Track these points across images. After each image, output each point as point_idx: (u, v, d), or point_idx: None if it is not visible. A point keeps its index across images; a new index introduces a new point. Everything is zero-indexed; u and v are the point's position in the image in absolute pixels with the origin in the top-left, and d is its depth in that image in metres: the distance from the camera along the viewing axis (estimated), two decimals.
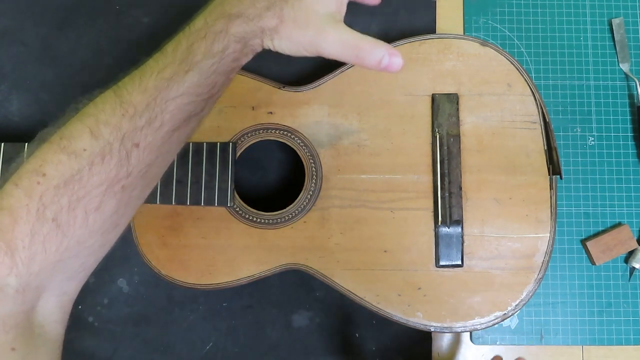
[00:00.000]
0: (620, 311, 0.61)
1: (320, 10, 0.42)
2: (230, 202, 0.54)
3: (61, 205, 0.37)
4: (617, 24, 0.64)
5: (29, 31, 0.63)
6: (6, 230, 0.36)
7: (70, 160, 0.37)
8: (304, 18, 0.41)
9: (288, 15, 0.41)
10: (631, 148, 0.63)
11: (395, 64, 0.41)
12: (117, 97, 0.40)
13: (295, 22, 0.41)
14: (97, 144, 0.38)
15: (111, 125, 0.39)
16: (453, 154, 0.56)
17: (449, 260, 0.55)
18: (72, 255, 0.38)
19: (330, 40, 0.41)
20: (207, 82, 0.41)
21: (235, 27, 0.41)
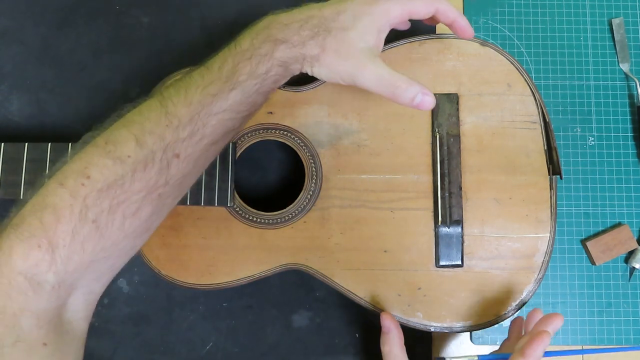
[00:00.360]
0: (620, 311, 0.61)
1: (361, 44, 0.44)
2: (230, 202, 0.54)
3: (102, 208, 0.38)
4: (617, 24, 0.64)
5: (29, 31, 0.63)
6: (49, 228, 0.37)
7: (115, 165, 0.39)
8: (345, 50, 0.44)
9: (330, 46, 0.44)
10: (631, 148, 0.63)
11: (427, 102, 0.45)
12: (163, 107, 0.41)
13: (337, 52, 0.44)
14: (142, 152, 0.39)
15: (156, 134, 0.40)
16: (453, 154, 0.56)
17: (449, 260, 0.55)
18: (106, 256, 0.40)
19: (368, 74, 0.44)
20: (248, 100, 0.43)
21: (280, 52, 0.43)
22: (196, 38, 0.63)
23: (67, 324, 0.39)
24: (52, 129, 0.62)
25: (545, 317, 0.49)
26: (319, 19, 0.44)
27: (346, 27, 0.44)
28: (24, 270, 0.36)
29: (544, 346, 0.45)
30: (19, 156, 0.54)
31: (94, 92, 0.62)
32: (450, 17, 0.48)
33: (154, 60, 0.63)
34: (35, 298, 0.36)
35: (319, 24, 0.44)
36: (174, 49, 0.63)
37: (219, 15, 0.64)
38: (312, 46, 0.44)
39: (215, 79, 0.42)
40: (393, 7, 0.45)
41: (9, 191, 0.54)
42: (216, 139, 0.43)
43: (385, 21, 0.45)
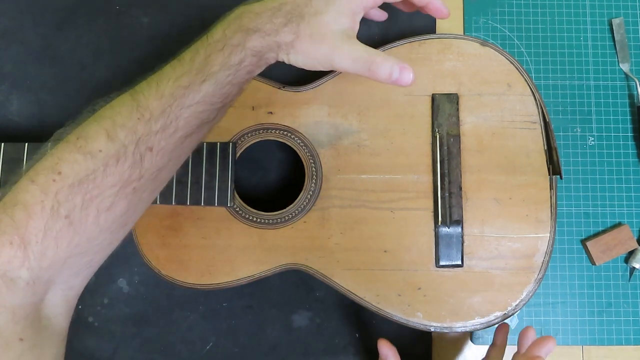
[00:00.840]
0: (620, 311, 0.61)
1: (335, 27, 0.44)
2: (230, 202, 0.54)
3: (75, 204, 0.38)
4: (617, 24, 0.64)
5: (29, 31, 0.63)
6: (21, 224, 0.37)
7: (86, 160, 0.38)
8: (320, 34, 0.43)
9: (304, 31, 0.43)
10: (631, 148, 0.63)
11: (405, 77, 0.43)
12: (134, 100, 0.41)
13: (311, 37, 0.43)
14: (113, 146, 0.39)
15: (127, 128, 0.40)
16: (453, 154, 0.56)
17: (449, 260, 0.55)
18: (82, 252, 0.39)
19: (345, 55, 0.43)
20: (221, 92, 0.43)
21: (253, 42, 0.43)
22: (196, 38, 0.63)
23: (45, 319, 0.39)
24: (52, 129, 0.61)
25: (539, 341, 0.50)
26: (292, 5, 0.44)
27: (319, 11, 0.43)
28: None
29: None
30: (19, 156, 0.54)
31: (94, 92, 0.62)
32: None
33: (154, 60, 0.63)
34: (9, 294, 0.36)
35: (291, 10, 0.43)
36: (174, 49, 0.63)
37: (219, 15, 0.64)
38: (286, 33, 0.43)
39: (187, 70, 0.42)
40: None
41: None
42: (190, 132, 0.43)
43: (359, 3, 0.45)
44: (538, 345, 0.50)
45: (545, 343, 0.50)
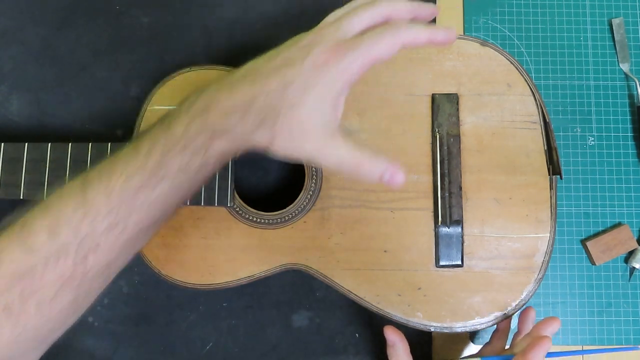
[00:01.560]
0: (620, 311, 0.61)
1: (316, 119, 0.38)
2: (230, 202, 0.54)
3: (13, 296, 0.36)
4: (617, 24, 0.64)
5: (29, 31, 0.63)
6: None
7: (26, 255, 0.37)
8: (299, 130, 0.38)
9: (281, 129, 0.37)
10: (631, 148, 0.63)
11: (397, 180, 0.39)
12: (82, 193, 0.38)
13: (290, 135, 0.38)
14: (54, 243, 0.37)
15: (71, 226, 0.37)
16: (453, 154, 0.56)
17: (449, 260, 0.55)
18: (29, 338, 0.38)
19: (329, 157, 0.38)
20: (178, 193, 0.39)
21: (220, 146, 0.38)
22: (196, 38, 0.63)
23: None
24: (52, 129, 0.62)
25: (545, 321, 0.50)
26: (264, 99, 0.37)
27: (296, 103, 0.37)
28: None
29: (545, 350, 0.46)
30: (19, 156, 0.54)
31: (94, 92, 0.62)
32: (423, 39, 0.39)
33: (154, 60, 0.63)
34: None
35: (264, 105, 0.37)
36: (174, 49, 0.63)
37: (219, 15, 0.64)
38: (260, 136, 0.38)
39: (140, 168, 0.37)
40: (351, 65, 0.38)
41: (9, 191, 0.54)
42: (143, 228, 0.39)
43: (342, 85, 0.38)
44: (544, 325, 0.49)
45: (551, 322, 0.49)
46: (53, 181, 0.53)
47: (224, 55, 0.63)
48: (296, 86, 0.37)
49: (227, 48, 0.63)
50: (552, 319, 0.50)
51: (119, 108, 0.62)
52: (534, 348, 0.46)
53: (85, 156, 0.54)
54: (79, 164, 0.54)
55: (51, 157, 0.54)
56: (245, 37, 0.63)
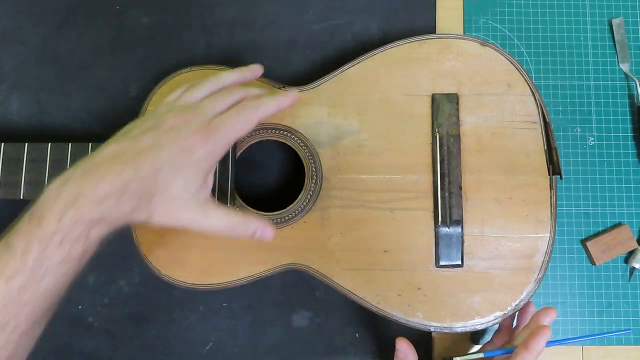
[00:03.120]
0: (620, 311, 0.61)
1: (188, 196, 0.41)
2: (230, 202, 0.54)
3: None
4: (617, 24, 0.64)
5: (29, 31, 0.63)
6: None
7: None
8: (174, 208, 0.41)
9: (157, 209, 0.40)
10: (631, 148, 0.63)
11: (267, 234, 0.45)
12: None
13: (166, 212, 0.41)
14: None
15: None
16: (453, 154, 0.56)
17: (449, 260, 0.55)
18: None
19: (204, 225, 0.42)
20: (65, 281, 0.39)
21: (97, 232, 0.39)
22: (196, 38, 0.63)
23: None
24: (52, 129, 0.62)
25: (541, 312, 0.52)
26: (137, 183, 0.39)
27: (167, 185, 0.40)
28: None
29: (545, 339, 0.48)
30: (19, 156, 0.54)
31: (94, 92, 0.62)
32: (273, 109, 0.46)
33: (154, 60, 0.63)
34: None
35: (137, 190, 0.39)
36: (174, 49, 0.63)
37: (219, 15, 0.64)
38: (137, 215, 0.40)
39: (19, 268, 0.36)
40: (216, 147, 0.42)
41: (9, 191, 0.54)
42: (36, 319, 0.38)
43: (210, 164, 0.42)
44: (541, 315, 0.51)
45: (548, 312, 0.51)
46: None
47: (223, 55, 0.63)
48: (166, 171, 0.40)
49: (227, 48, 0.63)
50: (548, 309, 0.51)
51: (119, 108, 0.62)
52: (534, 337, 0.48)
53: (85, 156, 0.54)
54: None
55: (51, 157, 0.54)
56: (245, 37, 0.63)
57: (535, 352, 0.48)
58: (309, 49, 0.63)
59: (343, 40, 0.64)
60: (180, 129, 0.41)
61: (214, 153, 0.42)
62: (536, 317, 0.52)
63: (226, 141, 0.43)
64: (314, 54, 0.63)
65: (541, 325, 0.49)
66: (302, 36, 0.64)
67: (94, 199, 0.38)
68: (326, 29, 0.64)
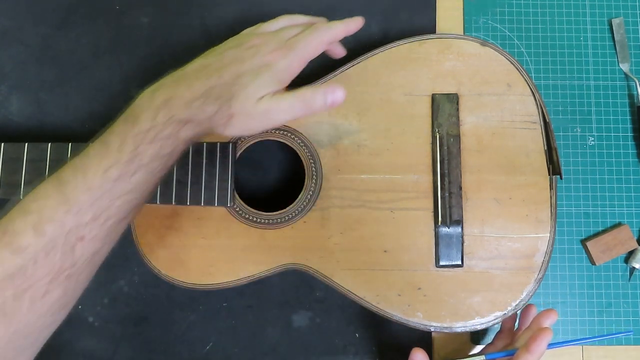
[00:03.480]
0: (620, 311, 0.61)
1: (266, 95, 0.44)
2: (230, 202, 0.54)
3: (5, 297, 0.38)
4: (617, 24, 0.64)
5: (29, 31, 0.63)
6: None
7: (15, 256, 0.38)
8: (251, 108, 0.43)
9: (237, 110, 0.43)
10: (631, 148, 0.63)
11: (338, 97, 0.45)
12: (61, 193, 0.40)
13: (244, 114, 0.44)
14: (41, 240, 0.38)
15: (55, 222, 0.39)
16: (453, 154, 0.56)
17: (449, 260, 0.55)
18: (23, 337, 0.39)
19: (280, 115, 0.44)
20: (154, 178, 0.42)
21: (185, 132, 0.43)
22: (196, 38, 0.63)
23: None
24: (52, 129, 0.62)
25: (543, 314, 0.52)
26: (221, 87, 0.43)
27: (246, 86, 0.43)
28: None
29: (547, 341, 0.48)
30: (19, 156, 0.54)
31: (94, 92, 0.62)
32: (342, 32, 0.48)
33: (154, 60, 0.63)
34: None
35: (221, 92, 0.43)
36: (174, 49, 0.63)
37: (219, 15, 0.64)
38: (219, 118, 0.43)
39: (115, 161, 0.40)
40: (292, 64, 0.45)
41: (9, 191, 0.54)
42: (124, 216, 0.42)
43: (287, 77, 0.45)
44: (542, 317, 0.52)
45: (549, 314, 0.52)
46: None
47: None
48: (246, 77, 0.43)
49: None
50: (549, 311, 0.52)
51: (119, 108, 0.62)
52: (536, 340, 0.48)
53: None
54: None
55: (51, 157, 0.54)
56: None
57: (536, 354, 0.48)
58: None
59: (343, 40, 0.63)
60: (260, 46, 0.45)
61: (290, 68, 0.45)
62: (537, 319, 0.52)
63: (301, 57, 0.45)
64: None
65: (542, 327, 0.49)
66: None
67: (184, 101, 0.42)
68: None
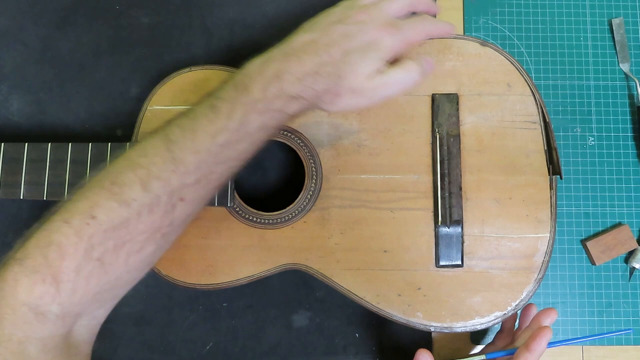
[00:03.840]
0: (620, 311, 0.61)
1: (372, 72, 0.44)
2: (230, 202, 0.54)
3: (107, 247, 0.39)
4: (617, 24, 0.64)
5: (29, 31, 0.63)
6: (54, 264, 0.38)
7: (121, 208, 0.39)
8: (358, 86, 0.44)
9: (344, 88, 0.44)
10: (631, 148, 0.63)
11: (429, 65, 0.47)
12: (169, 152, 0.41)
13: (351, 92, 0.44)
14: (147, 195, 0.40)
15: (162, 179, 0.40)
16: (453, 154, 0.56)
17: (449, 260, 0.55)
18: (109, 288, 0.41)
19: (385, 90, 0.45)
20: (255, 147, 0.44)
21: (294, 108, 0.43)
22: (196, 38, 0.63)
23: (73, 347, 0.41)
24: (52, 129, 0.62)
25: (542, 312, 0.53)
26: (331, 65, 0.43)
27: (355, 62, 0.44)
28: (28, 302, 0.37)
29: (547, 340, 0.48)
30: (19, 156, 0.54)
31: (94, 92, 0.62)
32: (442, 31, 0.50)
33: (154, 60, 0.63)
34: (39, 327, 0.38)
35: (331, 71, 0.43)
36: (174, 49, 0.63)
37: (219, 15, 0.64)
38: (327, 95, 0.44)
39: (223, 127, 0.41)
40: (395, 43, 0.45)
41: (9, 191, 0.54)
42: (221, 182, 0.44)
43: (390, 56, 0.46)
44: (542, 316, 0.52)
45: (549, 313, 0.52)
46: (53, 181, 0.53)
47: (223, 55, 0.63)
48: (355, 56, 0.44)
49: (227, 48, 0.63)
50: (549, 310, 0.53)
51: (119, 108, 0.62)
52: (536, 338, 0.48)
53: (85, 156, 0.54)
54: (79, 164, 0.54)
55: (51, 157, 0.54)
56: (245, 37, 0.63)
57: (536, 352, 0.48)
58: None
59: None
60: (366, 22, 0.45)
61: (394, 47, 0.45)
62: (537, 318, 0.52)
63: (407, 40, 0.46)
64: None
65: (542, 326, 0.49)
66: None
67: (295, 77, 0.42)
68: None
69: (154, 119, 0.56)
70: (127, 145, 0.54)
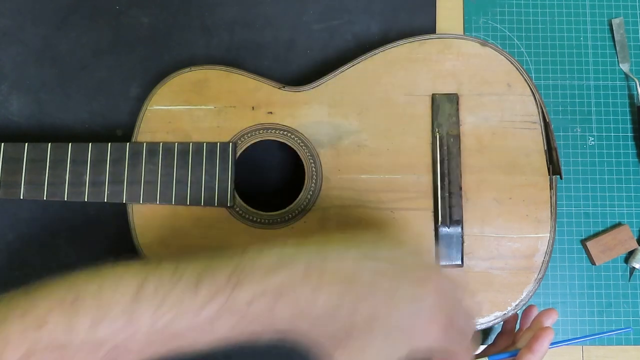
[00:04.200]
0: (620, 311, 0.61)
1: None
2: (231, 202, 0.54)
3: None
4: (617, 24, 0.64)
5: (29, 31, 0.63)
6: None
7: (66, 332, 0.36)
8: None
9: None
10: (631, 148, 0.63)
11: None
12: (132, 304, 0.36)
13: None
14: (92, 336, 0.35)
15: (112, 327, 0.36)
16: (453, 154, 0.56)
17: (449, 260, 0.55)
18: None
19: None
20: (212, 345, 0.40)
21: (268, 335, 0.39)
22: (196, 38, 0.63)
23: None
24: (52, 129, 0.62)
25: (543, 313, 0.53)
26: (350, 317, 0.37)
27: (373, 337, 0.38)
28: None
29: (549, 341, 0.48)
30: (19, 156, 0.54)
31: (94, 92, 0.62)
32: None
33: (154, 60, 0.63)
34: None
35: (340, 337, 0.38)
36: (174, 49, 0.63)
37: (219, 15, 0.64)
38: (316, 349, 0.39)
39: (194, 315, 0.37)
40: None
41: (9, 191, 0.54)
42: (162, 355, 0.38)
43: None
44: (543, 317, 0.52)
45: (550, 314, 0.52)
46: (53, 181, 0.53)
47: (223, 55, 0.63)
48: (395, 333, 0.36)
49: (227, 48, 0.63)
50: (549, 310, 0.52)
51: (119, 108, 0.62)
52: (538, 339, 0.48)
53: (85, 156, 0.54)
54: (79, 164, 0.54)
55: (51, 157, 0.54)
56: (245, 37, 0.63)
57: (539, 353, 0.48)
58: (308, 49, 0.63)
59: (343, 40, 0.64)
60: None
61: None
62: (538, 319, 0.52)
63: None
64: (313, 54, 0.63)
65: (544, 327, 0.49)
66: (302, 36, 0.64)
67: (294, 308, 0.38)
68: (326, 29, 0.64)
69: (154, 119, 0.56)
70: (127, 145, 0.54)
